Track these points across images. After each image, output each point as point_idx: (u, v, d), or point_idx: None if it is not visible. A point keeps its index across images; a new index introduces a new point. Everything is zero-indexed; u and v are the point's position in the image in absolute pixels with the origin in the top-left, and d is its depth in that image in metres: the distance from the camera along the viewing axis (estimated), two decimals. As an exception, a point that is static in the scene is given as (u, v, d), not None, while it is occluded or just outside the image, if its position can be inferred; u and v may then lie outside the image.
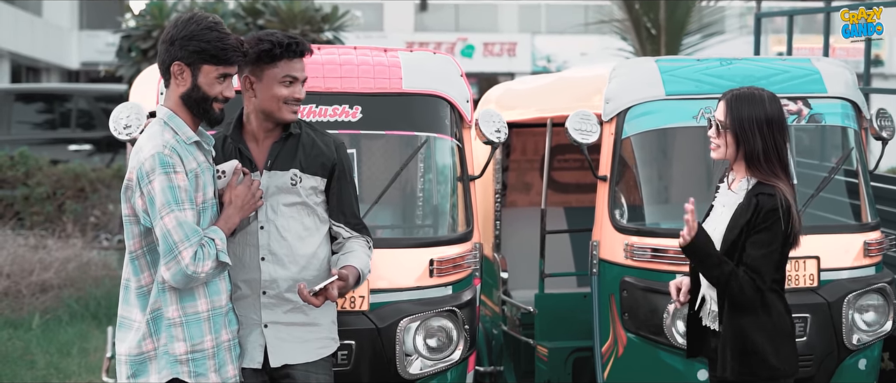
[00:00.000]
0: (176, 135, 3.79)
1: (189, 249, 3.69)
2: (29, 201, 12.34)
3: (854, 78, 5.82)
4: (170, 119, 3.82)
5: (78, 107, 15.64)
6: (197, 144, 3.85)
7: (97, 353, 8.22)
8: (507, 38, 32.47)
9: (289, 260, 4.07)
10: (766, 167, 4.05)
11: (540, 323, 6.15)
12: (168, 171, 3.70)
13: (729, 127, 4.08)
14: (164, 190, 3.69)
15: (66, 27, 32.31)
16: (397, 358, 4.76)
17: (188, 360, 3.80)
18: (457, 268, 4.98)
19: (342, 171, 4.17)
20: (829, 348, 5.32)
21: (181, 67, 3.80)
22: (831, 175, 5.68)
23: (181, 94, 3.83)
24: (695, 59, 5.77)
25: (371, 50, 5.20)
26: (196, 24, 3.79)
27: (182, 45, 3.78)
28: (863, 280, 5.42)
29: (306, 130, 4.18)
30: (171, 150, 3.73)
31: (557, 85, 6.88)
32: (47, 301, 9.74)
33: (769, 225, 4.01)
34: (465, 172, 5.21)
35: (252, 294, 4.07)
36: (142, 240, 3.80)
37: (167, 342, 3.79)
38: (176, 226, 3.69)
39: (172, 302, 3.79)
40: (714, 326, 4.20)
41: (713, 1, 15.19)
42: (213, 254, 3.74)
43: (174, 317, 3.79)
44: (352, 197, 4.21)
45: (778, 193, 4.02)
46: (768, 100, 4.11)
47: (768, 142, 4.05)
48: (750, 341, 4.07)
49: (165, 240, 3.69)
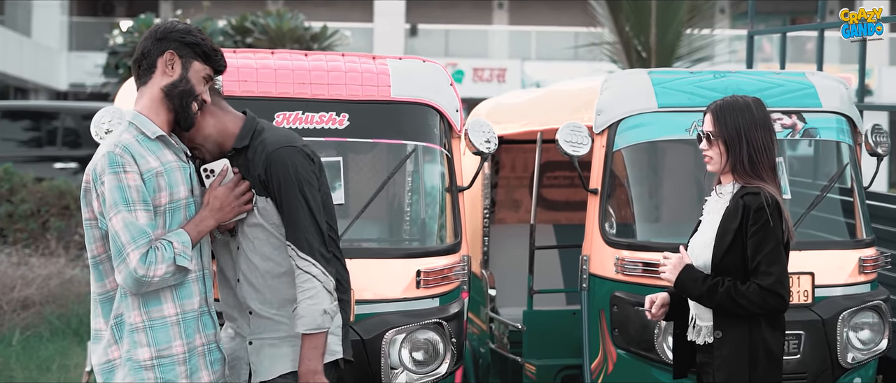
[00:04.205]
0: (138, 134, 3.68)
1: (136, 251, 3.56)
2: (12, 218, 12.21)
3: (849, 93, 5.76)
4: (134, 118, 3.73)
5: (64, 125, 15.55)
6: (163, 141, 3.73)
7: (77, 370, 8.11)
8: (497, 64, 32.49)
9: (258, 283, 3.85)
10: (751, 171, 4.03)
11: (528, 340, 6.06)
12: (117, 171, 3.59)
13: (720, 136, 4.06)
14: (112, 190, 3.59)
15: (55, 48, 32.23)
16: (382, 371, 4.66)
17: (154, 366, 3.67)
18: (444, 280, 4.89)
19: (279, 186, 3.73)
20: (823, 366, 5.23)
21: (173, 57, 3.73)
22: (825, 191, 5.61)
23: (165, 84, 3.73)
24: (688, 72, 5.72)
25: (359, 57, 5.12)
26: (189, 26, 3.82)
27: (177, 38, 3.75)
28: (858, 297, 5.35)
29: (254, 142, 3.84)
30: (123, 149, 3.62)
31: (548, 98, 6.82)
32: (28, 317, 9.62)
33: (761, 224, 3.97)
34: (454, 183, 5.13)
35: (241, 312, 3.94)
36: (104, 244, 3.68)
37: (130, 348, 3.67)
38: (123, 228, 3.57)
39: (134, 306, 3.66)
40: (699, 340, 4.13)
41: (703, 30, 15.20)
42: (169, 257, 3.60)
43: (137, 322, 3.66)
44: (298, 213, 3.72)
45: (763, 192, 4.00)
46: (754, 105, 4.11)
47: (756, 146, 4.04)
48: (744, 353, 4.01)
49: (114, 243, 3.59)
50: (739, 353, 4.03)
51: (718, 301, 4.01)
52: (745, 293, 3.96)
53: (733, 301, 3.98)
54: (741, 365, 4.03)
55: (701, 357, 4.16)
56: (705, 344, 4.12)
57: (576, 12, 21.78)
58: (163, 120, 3.74)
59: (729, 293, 3.98)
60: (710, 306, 4.06)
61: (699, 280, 4.04)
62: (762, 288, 3.97)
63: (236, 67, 4.86)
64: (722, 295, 3.99)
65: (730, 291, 3.98)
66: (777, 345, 4.08)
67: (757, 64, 8.24)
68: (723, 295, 3.99)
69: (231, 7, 22.53)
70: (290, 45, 13.03)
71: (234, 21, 13.54)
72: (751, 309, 3.99)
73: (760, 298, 3.97)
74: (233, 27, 13.48)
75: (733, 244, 4.00)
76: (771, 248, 3.97)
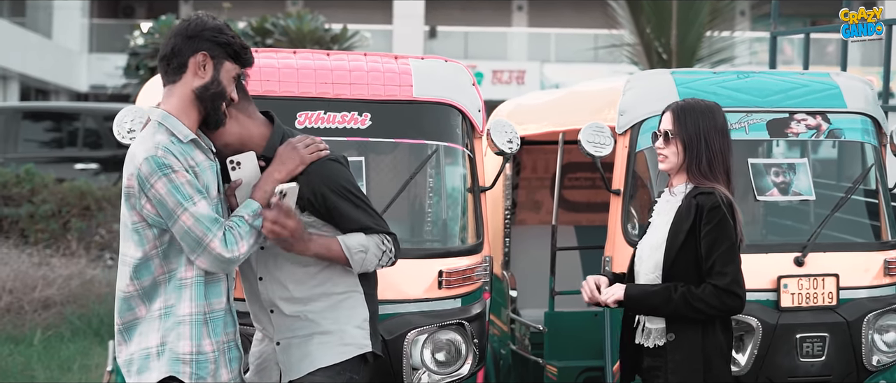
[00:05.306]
0: (170, 136, 3.67)
1: (215, 239, 3.62)
2: (34, 218, 12.25)
3: (874, 93, 5.72)
4: (164, 119, 3.70)
5: (85, 126, 15.60)
6: (194, 143, 3.73)
7: (98, 370, 8.12)
8: (516, 66, 32.47)
9: (284, 278, 3.89)
10: (709, 173, 4.06)
11: (550, 342, 6.03)
12: (166, 172, 3.61)
13: (678, 135, 4.09)
14: (168, 193, 3.60)
15: (76, 50, 32.36)
16: (404, 371, 4.64)
17: (191, 361, 3.69)
18: (466, 281, 4.87)
19: (324, 198, 3.82)
20: (848, 368, 5.19)
21: (206, 59, 3.70)
22: (850, 192, 5.56)
23: (197, 87, 3.71)
24: (711, 72, 5.68)
25: (381, 56, 5.11)
26: (218, 22, 3.77)
27: (210, 37, 3.71)
28: (883, 299, 5.30)
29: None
30: (165, 151, 3.62)
31: (570, 99, 6.79)
32: (49, 317, 9.67)
33: (715, 223, 3.98)
34: (476, 183, 5.10)
35: (263, 311, 3.95)
36: (156, 242, 3.68)
37: (174, 339, 3.68)
38: (194, 223, 3.61)
39: (185, 298, 3.68)
40: (649, 343, 4.12)
41: (724, 32, 15.13)
42: (246, 229, 3.68)
43: (184, 315, 3.68)
44: (351, 212, 3.85)
45: (716, 191, 4.01)
46: (715, 109, 4.15)
47: (714, 149, 4.07)
48: (698, 355, 4.03)
49: (188, 238, 3.62)
50: (694, 356, 4.02)
51: (674, 308, 3.98)
52: (701, 296, 3.96)
53: (689, 305, 3.97)
54: (696, 369, 4.02)
55: (650, 361, 4.13)
56: (656, 347, 4.10)
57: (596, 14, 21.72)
58: (192, 120, 3.74)
59: (685, 299, 3.97)
60: (665, 315, 4.03)
61: (649, 292, 4.03)
62: (719, 289, 3.97)
63: (258, 67, 4.82)
64: (677, 301, 3.97)
65: (685, 297, 3.97)
66: (729, 347, 4.12)
67: (777, 66, 8.18)
68: (678, 302, 3.97)
69: (251, 8, 22.56)
70: (310, 47, 13.05)
71: (254, 22, 13.57)
72: (708, 311, 3.98)
73: (718, 299, 3.97)
74: (253, 29, 13.51)
75: (686, 244, 4.01)
76: (726, 248, 3.97)
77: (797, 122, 5.44)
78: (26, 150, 15.07)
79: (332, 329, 3.90)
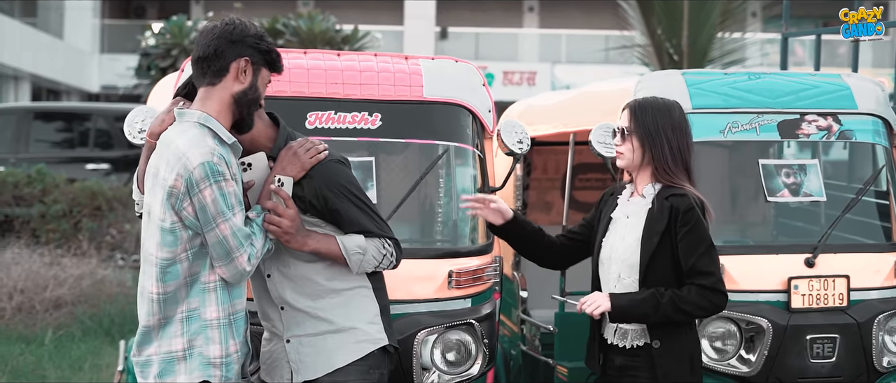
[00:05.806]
0: (216, 139, 3.68)
1: (243, 254, 3.68)
2: (45, 218, 12.29)
3: (885, 95, 5.71)
4: (206, 121, 3.69)
5: (97, 126, 15.64)
6: (233, 147, 3.76)
7: (109, 369, 8.14)
8: (527, 67, 32.48)
9: (292, 274, 3.91)
10: (674, 171, 4.08)
11: (560, 342, 6.02)
12: (218, 180, 3.63)
13: (635, 133, 4.11)
14: (215, 200, 3.63)
15: (87, 51, 32.45)
16: (414, 371, 4.64)
17: (222, 364, 3.71)
18: (476, 281, 4.86)
19: (326, 200, 3.86)
20: (858, 370, 5.17)
21: (247, 65, 3.73)
22: (861, 194, 5.55)
23: (237, 91, 3.73)
24: (722, 73, 5.67)
25: (392, 57, 5.10)
26: (258, 28, 3.79)
27: (253, 44, 3.73)
28: (894, 301, 5.28)
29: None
30: (220, 158, 3.64)
31: (581, 99, 6.78)
32: (61, 317, 9.69)
33: (692, 224, 4.00)
34: (486, 183, 5.10)
35: (273, 308, 3.96)
36: (187, 244, 3.69)
37: (203, 343, 3.70)
38: (231, 234, 3.66)
39: (211, 302, 3.71)
40: (626, 343, 4.12)
41: (735, 33, 15.11)
42: (261, 242, 3.74)
43: (212, 319, 3.71)
44: (352, 213, 3.88)
45: (688, 193, 4.03)
46: (672, 107, 4.18)
47: (675, 147, 4.09)
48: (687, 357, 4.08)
49: (221, 246, 3.66)
50: (682, 360, 4.08)
51: (663, 313, 4.00)
52: (688, 298, 3.99)
53: (678, 309, 3.99)
54: (684, 371, 4.07)
55: (624, 360, 4.15)
56: (635, 347, 4.10)
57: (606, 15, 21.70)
58: (227, 124, 3.76)
59: (673, 303, 3.99)
60: (656, 321, 4.03)
61: (637, 301, 4.02)
62: (705, 289, 4.00)
63: (269, 67, 4.85)
64: (666, 306, 3.98)
65: (673, 301, 3.99)
66: (700, 347, 4.22)
67: (789, 67, 8.17)
68: (667, 307, 3.99)
69: (262, 9, 22.61)
70: (320, 47, 13.07)
71: (265, 23, 13.60)
72: (696, 313, 4.01)
73: (705, 300, 4.00)
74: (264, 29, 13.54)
75: (661, 246, 4.01)
76: (706, 248, 4.01)
77: (808, 124, 5.43)
78: (37, 151, 15.12)
79: (345, 326, 3.91)
